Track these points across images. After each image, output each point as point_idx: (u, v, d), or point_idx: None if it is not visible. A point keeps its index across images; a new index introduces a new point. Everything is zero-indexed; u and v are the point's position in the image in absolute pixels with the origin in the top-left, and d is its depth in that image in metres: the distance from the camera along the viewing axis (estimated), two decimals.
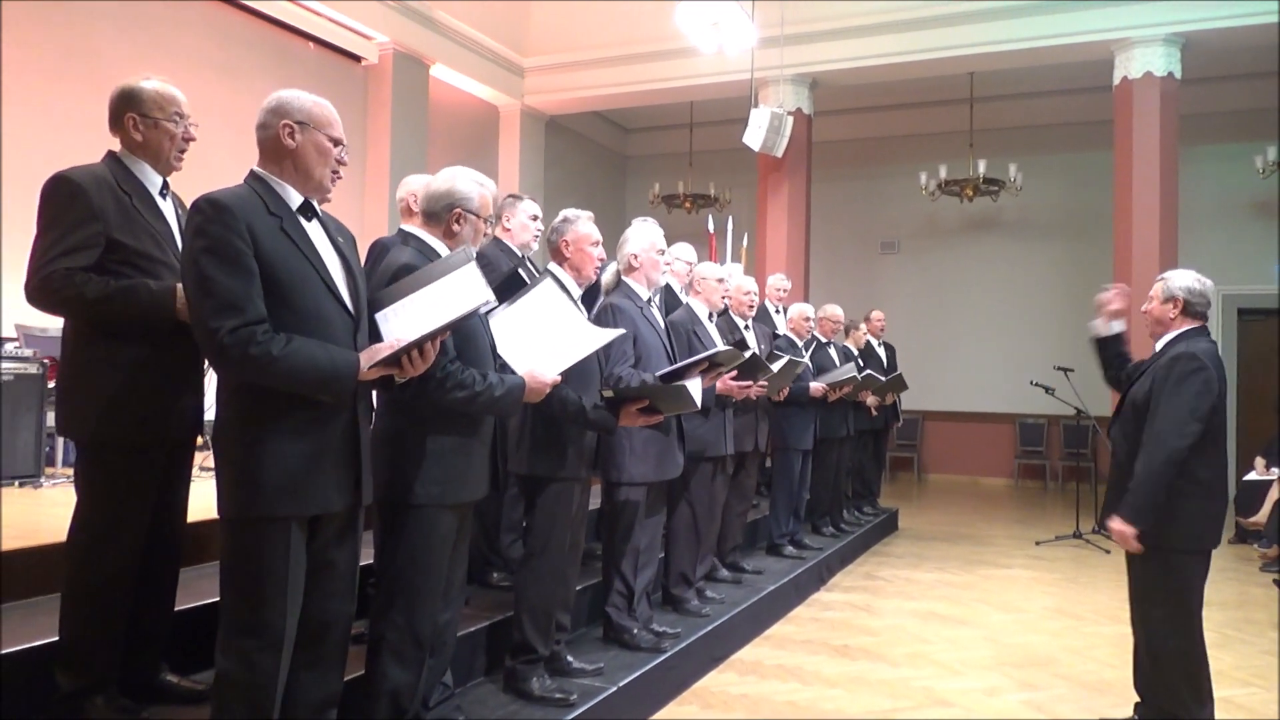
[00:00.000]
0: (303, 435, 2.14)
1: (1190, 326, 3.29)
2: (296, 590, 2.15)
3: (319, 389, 2.12)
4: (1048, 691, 4.08)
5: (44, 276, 2.42)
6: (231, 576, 2.15)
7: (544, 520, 3.25)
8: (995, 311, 11.96)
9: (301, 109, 2.21)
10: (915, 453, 12.34)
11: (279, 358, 2.04)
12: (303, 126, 2.20)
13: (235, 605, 2.13)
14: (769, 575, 5.36)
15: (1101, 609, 5.53)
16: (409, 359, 2.24)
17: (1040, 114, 11.48)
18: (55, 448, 5.23)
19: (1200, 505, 3.16)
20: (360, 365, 2.17)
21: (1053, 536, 7.78)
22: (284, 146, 2.20)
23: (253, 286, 2.06)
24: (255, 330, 2.04)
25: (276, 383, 2.08)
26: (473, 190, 2.74)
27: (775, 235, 9.91)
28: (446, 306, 2.28)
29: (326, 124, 2.24)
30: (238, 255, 2.05)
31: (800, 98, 9.88)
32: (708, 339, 4.36)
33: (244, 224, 2.07)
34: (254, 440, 2.10)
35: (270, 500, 2.09)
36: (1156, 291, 3.34)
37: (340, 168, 2.29)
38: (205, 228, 2.05)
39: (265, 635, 2.11)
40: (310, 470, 2.14)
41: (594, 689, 3.35)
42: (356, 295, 2.29)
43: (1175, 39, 8.51)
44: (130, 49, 6.85)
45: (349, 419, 2.24)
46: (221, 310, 2.03)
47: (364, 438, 2.30)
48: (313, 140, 2.21)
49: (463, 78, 10.04)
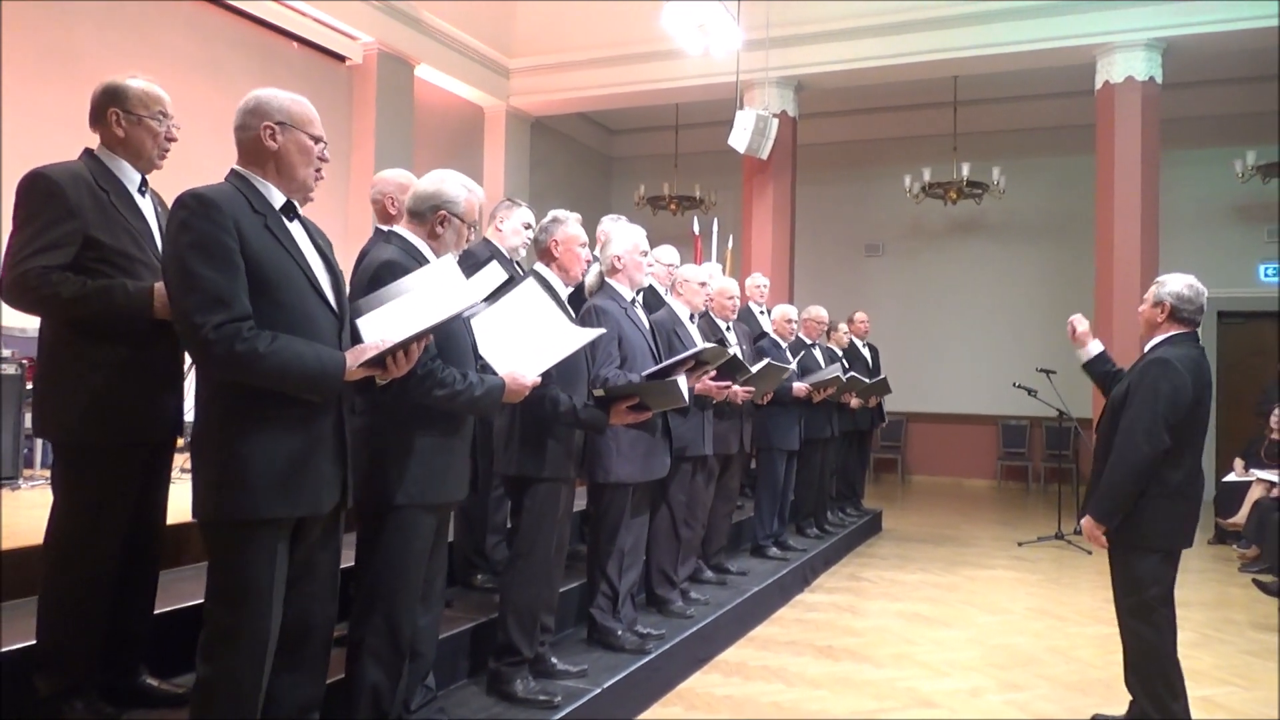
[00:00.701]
0: (290, 434, 2.10)
1: (1177, 332, 3.34)
2: (280, 595, 2.13)
3: (305, 388, 2.09)
4: (1031, 691, 4.10)
5: (19, 275, 2.39)
6: (215, 581, 2.12)
7: (531, 521, 3.24)
8: (978, 314, 12.03)
9: (281, 109, 2.18)
10: (899, 454, 12.38)
11: (265, 354, 2.00)
12: (284, 127, 2.18)
13: (218, 610, 2.10)
14: (753, 576, 5.36)
15: (1084, 609, 5.56)
16: (393, 360, 2.22)
17: (1023, 118, 11.56)
18: (34, 449, 5.18)
19: (1166, 506, 3.24)
20: (347, 364, 2.14)
21: (1035, 537, 7.83)
22: (266, 148, 2.17)
23: (238, 282, 2.03)
24: (241, 326, 2.00)
25: (262, 381, 2.04)
26: (460, 194, 2.72)
27: (760, 237, 9.93)
28: (433, 309, 2.27)
29: (306, 122, 2.21)
30: (225, 251, 2.02)
31: (785, 100, 9.91)
32: (689, 339, 4.36)
33: (230, 220, 2.04)
34: (238, 440, 2.06)
35: (257, 502, 2.05)
36: (1149, 294, 3.41)
37: (322, 165, 2.26)
38: (191, 222, 2.02)
39: (249, 642, 2.08)
40: (299, 470, 2.11)
41: (578, 690, 3.35)
42: (340, 295, 2.28)
43: (1157, 44, 8.58)
44: (112, 48, 6.79)
45: (335, 418, 2.22)
46: (207, 305, 1.99)
47: (349, 438, 2.29)
48: (295, 140, 2.19)
49: (448, 78, 10.00)
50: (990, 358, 11.78)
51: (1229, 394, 10.36)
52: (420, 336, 2.23)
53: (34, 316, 2.53)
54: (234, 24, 7.92)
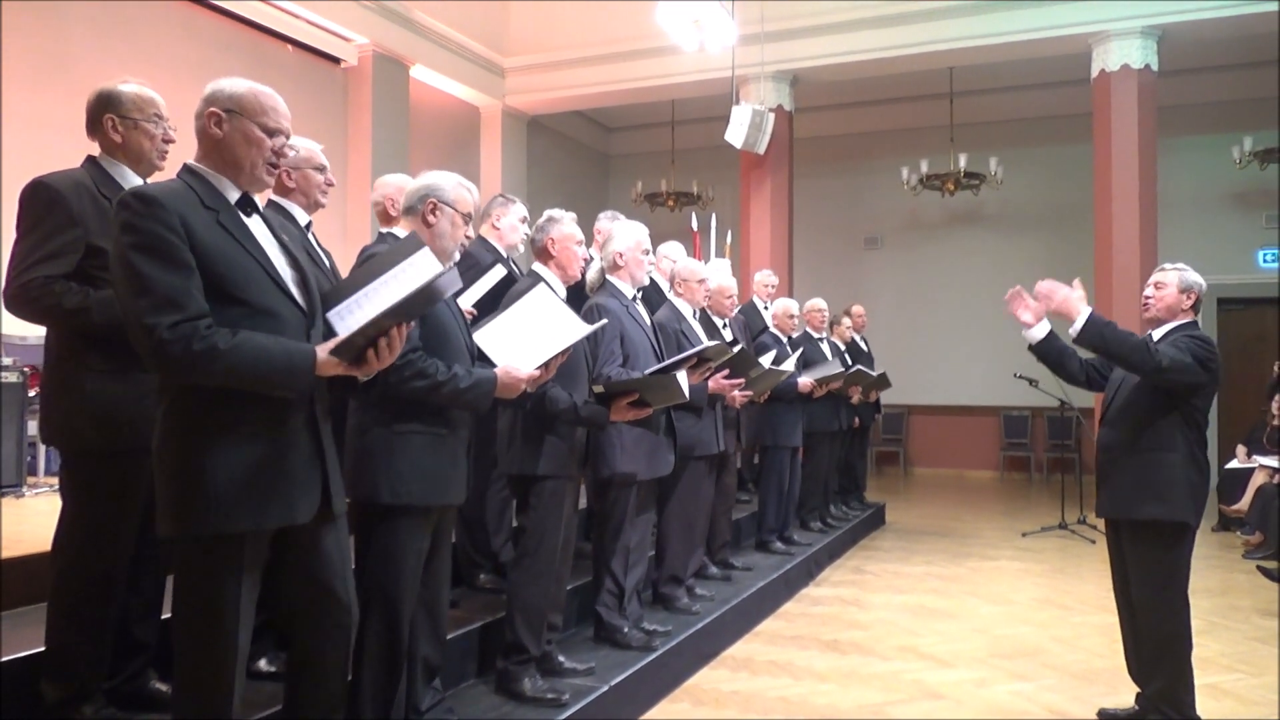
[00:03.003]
0: (254, 442, 1.99)
1: (1189, 320, 3.34)
2: (249, 610, 2.02)
3: (273, 383, 1.97)
4: (1037, 682, 4.10)
5: (22, 284, 2.40)
6: (179, 597, 2.00)
7: (537, 520, 3.24)
8: (978, 304, 12.00)
9: (231, 96, 2.06)
10: (901, 447, 12.38)
11: (225, 351, 1.88)
12: (231, 115, 2.05)
13: (182, 628, 2.00)
14: (758, 571, 5.36)
15: (1088, 599, 5.56)
16: (374, 351, 2.06)
17: (1020, 108, 11.55)
18: (37, 456, 5.18)
19: (1194, 483, 3.21)
20: (317, 356, 2.01)
21: (1039, 528, 7.83)
22: (210, 135, 2.06)
23: (191, 281, 1.92)
24: (198, 325, 1.89)
25: (225, 380, 1.92)
26: (447, 182, 2.70)
27: (759, 232, 9.93)
28: (401, 286, 2.12)
29: (258, 111, 2.08)
30: (171, 249, 1.90)
31: (781, 94, 9.90)
32: (695, 338, 4.35)
33: (176, 217, 1.92)
34: (199, 450, 1.94)
35: (221, 515, 1.94)
36: (1171, 280, 3.34)
37: (278, 159, 2.13)
38: (133, 223, 1.90)
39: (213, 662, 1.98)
40: (266, 479, 1.99)
41: (586, 688, 3.35)
42: (308, 291, 2.15)
43: (1151, 31, 8.57)
44: (106, 52, 6.77)
45: (307, 419, 2.10)
46: (159, 307, 1.87)
47: (327, 440, 2.15)
48: (241, 129, 2.06)
49: (443, 78, 9.99)
50: (991, 348, 11.75)
51: (1229, 381, 10.23)
52: (392, 315, 2.05)
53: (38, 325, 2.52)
54: (228, 28, 7.90)
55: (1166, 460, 3.21)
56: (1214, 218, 10.87)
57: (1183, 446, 3.21)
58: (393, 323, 2.07)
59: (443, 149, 10.24)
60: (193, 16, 7.59)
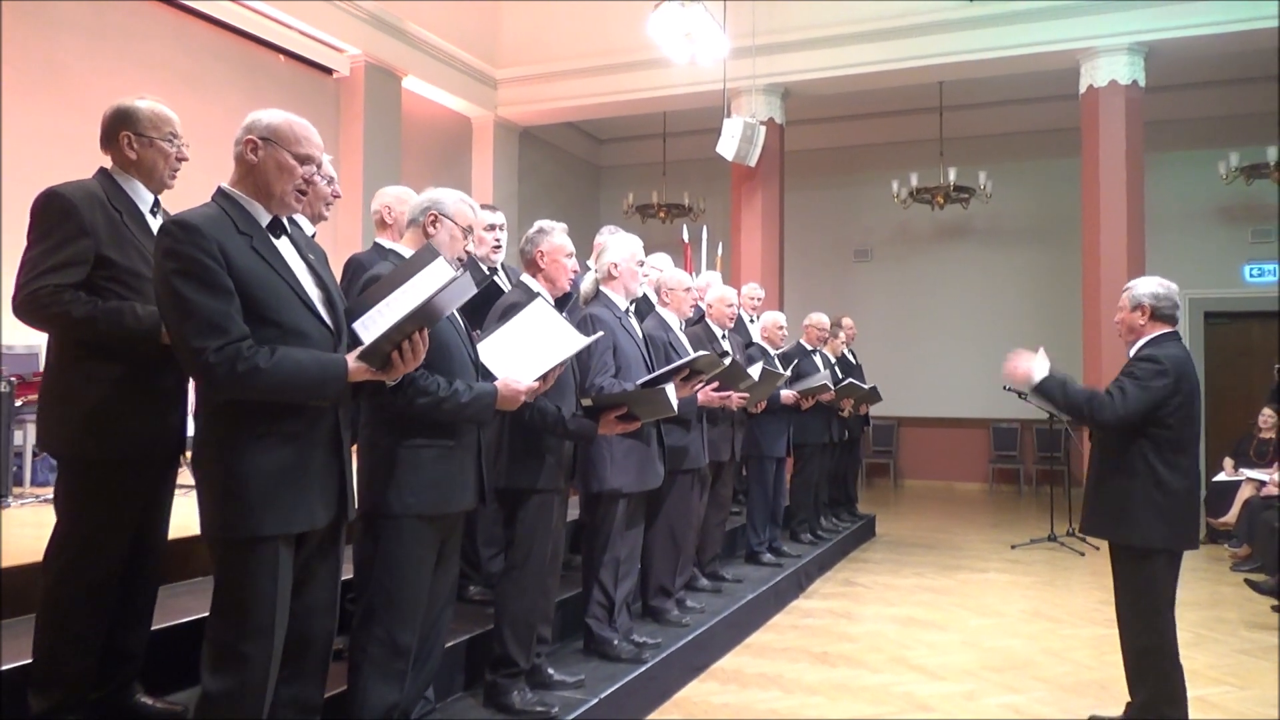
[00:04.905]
0: (284, 450, 2.12)
1: (1162, 331, 3.37)
2: (284, 609, 2.15)
3: (311, 393, 2.13)
4: (1027, 694, 4.11)
5: (31, 292, 2.42)
6: (219, 597, 2.13)
7: (525, 533, 3.23)
8: (968, 317, 12.07)
9: (268, 126, 2.21)
10: (891, 459, 12.40)
11: (267, 370, 2.03)
12: (266, 143, 2.20)
13: (223, 626, 2.11)
14: (748, 583, 5.36)
15: (1078, 611, 5.58)
16: (399, 354, 2.23)
17: (1009, 122, 11.62)
18: (24, 467, 5.14)
19: (1168, 507, 3.26)
20: (348, 365, 2.17)
21: (1028, 540, 7.84)
22: (246, 162, 2.21)
23: (232, 305, 2.06)
24: (240, 347, 2.03)
25: (268, 395, 2.08)
26: (449, 197, 2.80)
27: (750, 244, 9.95)
28: (418, 293, 2.28)
29: (292, 141, 2.22)
30: (211, 275, 2.04)
31: (773, 107, 9.94)
32: (681, 349, 4.35)
33: (214, 243, 2.06)
34: (236, 459, 2.09)
35: (256, 519, 2.08)
36: (1124, 301, 3.45)
37: (309, 186, 2.27)
38: (175, 249, 2.04)
39: (253, 657, 2.09)
40: (293, 486, 2.13)
41: (575, 701, 3.34)
42: (334, 310, 2.30)
43: (1139, 48, 8.65)
44: (98, 62, 6.75)
45: (331, 428, 2.23)
46: (204, 331, 2.02)
47: (346, 450, 2.29)
48: (274, 156, 2.20)
49: (435, 89, 10.00)
50: (980, 361, 11.78)
51: (1216, 394, 10.40)
52: (412, 320, 2.21)
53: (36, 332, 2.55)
54: (221, 38, 7.90)
55: (1125, 488, 3.29)
56: (1200, 232, 10.95)
57: (1144, 472, 3.26)
58: (414, 327, 2.23)
59: (434, 160, 10.24)
60: (186, 26, 7.58)
